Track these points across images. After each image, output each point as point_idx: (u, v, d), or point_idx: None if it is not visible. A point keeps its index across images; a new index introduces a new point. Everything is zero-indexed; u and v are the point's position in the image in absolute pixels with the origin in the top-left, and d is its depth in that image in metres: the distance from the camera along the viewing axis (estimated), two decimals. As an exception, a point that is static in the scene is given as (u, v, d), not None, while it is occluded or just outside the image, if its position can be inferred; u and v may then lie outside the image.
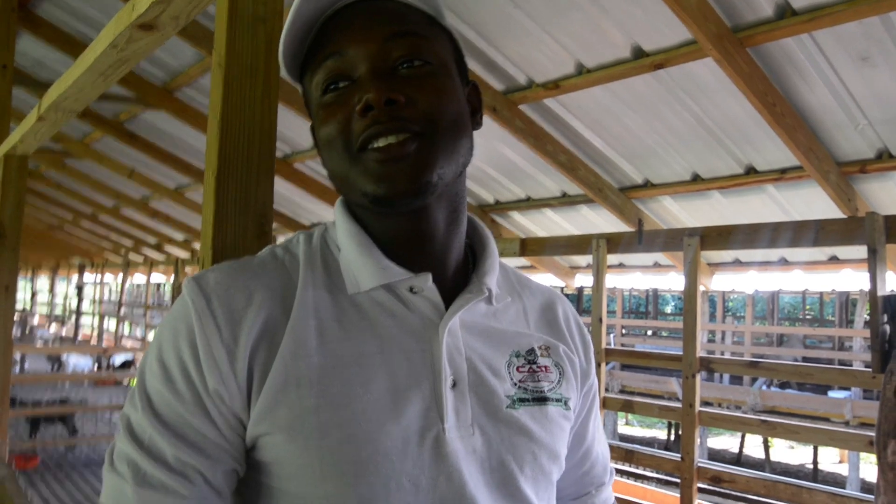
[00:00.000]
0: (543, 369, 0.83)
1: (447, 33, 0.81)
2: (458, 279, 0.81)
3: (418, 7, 0.78)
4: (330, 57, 0.74)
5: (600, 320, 4.98)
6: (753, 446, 13.52)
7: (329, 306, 0.75)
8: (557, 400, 0.82)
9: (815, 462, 12.65)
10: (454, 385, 0.75)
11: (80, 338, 16.12)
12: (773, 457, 12.85)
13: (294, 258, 0.78)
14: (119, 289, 15.47)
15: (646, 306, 24.29)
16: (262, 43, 0.96)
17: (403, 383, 0.73)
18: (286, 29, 0.75)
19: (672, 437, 13.83)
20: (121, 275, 14.18)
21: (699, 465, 4.36)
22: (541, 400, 0.81)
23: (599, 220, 5.35)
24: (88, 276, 17.49)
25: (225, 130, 0.92)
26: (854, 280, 5.46)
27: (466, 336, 0.78)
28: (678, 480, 4.57)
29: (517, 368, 0.81)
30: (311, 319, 0.73)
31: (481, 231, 0.87)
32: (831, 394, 10.22)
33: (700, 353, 4.47)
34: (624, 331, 17.42)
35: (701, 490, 4.49)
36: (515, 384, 0.80)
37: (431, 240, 0.78)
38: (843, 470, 11.70)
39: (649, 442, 14.07)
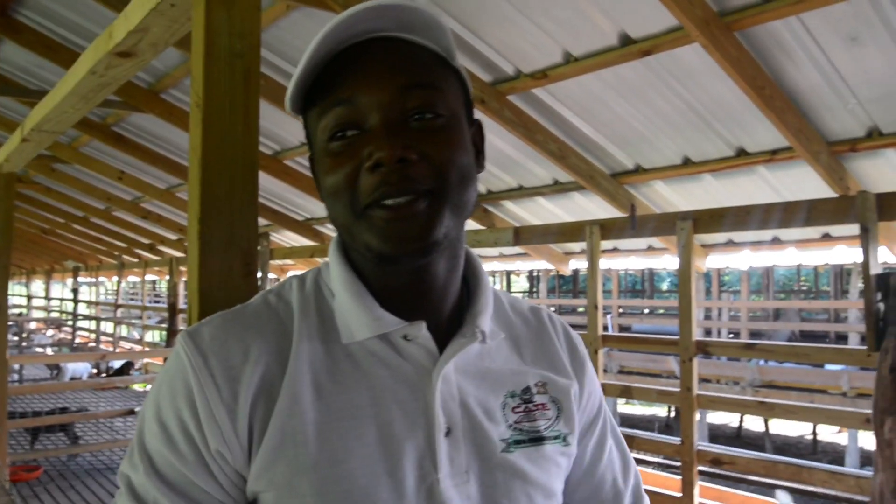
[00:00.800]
0: (540, 407, 0.82)
1: (457, 74, 0.78)
2: (453, 318, 0.80)
3: (431, 48, 0.76)
4: (340, 103, 0.72)
5: (595, 307, 5.00)
6: (753, 420, 13.60)
7: (323, 358, 0.74)
8: (555, 437, 0.82)
9: (814, 433, 12.75)
10: (448, 432, 0.74)
11: (77, 341, 16.08)
12: (773, 429, 12.93)
13: (288, 306, 0.77)
14: (115, 290, 15.44)
15: (642, 284, 24.38)
16: (239, 79, 0.94)
17: (398, 434, 0.72)
18: (299, 73, 0.72)
19: (672, 415, 13.91)
20: (115, 277, 14.13)
21: (699, 448, 4.39)
22: (537, 440, 0.80)
23: (592, 206, 5.34)
24: (83, 279, 17.44)
25: (206, 172, 0.90)
26: (847, 255, 5.46)
27: (461, 380, 0.78)
28: (678, 464, 4.60)
29: (513, 409, 0.80)
30: (307, 374, 0.72)
31: (474, 263, 0.86)
32: (828, 366, 10.27)
33: (696, 331, 4.48)
34: (621, 310, 17.47)
35: (702, 473, 4.52)
36: (511, 426, 0.79)
37: (430, 289, 0.77)
38: (842, 440, 11.79)
39: (650, 420, 14.15)
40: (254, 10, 0.97)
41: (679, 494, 4.39)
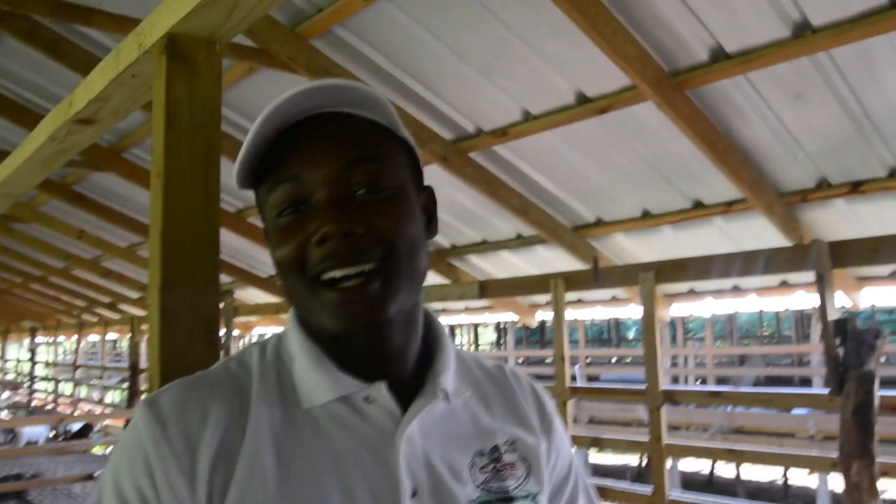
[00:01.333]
0: (509, 466, 0.82)
1: (404, 144, 0.81)
2: (414, 379, 0.80)
3: (375, 121, 0.78)
4: (287, 180, 0.74)
5: (563, 359, 5.00)
6: (724, 466, 13.59)
7: (283, 424, 0.74)
8: (524, 497, 0.81)
9: (785, 478, 12.76)
10: (414, 494, 0.74)
11: (34, 403, 15.56)
12: (745, 475, 12.92)
13: (248, 372, 0.78)
14: (74, 350, 15.04)
15: (608, 333, 24.51)
16: (201, 150, 0.96)
17: (361, 499, 0.72)
18: (245, 150, 0.74)
19: (644, 463, 13.84)
20: (75, 336, 13.79)
21: (671, 497, 4.38)
22: (506, 500, 0.80)
23: (556, 259, 5.39)
24: (41, 339, 16.98)
25: (167, 242, 0.91)
26: (806, 300, 5.57)
27: (426, 441, 0.77)
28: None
29: (480, 469, 0.80)
30: (267, 439, 0.72)
31: (434, 324, 0.86)
32: (795, 411, 10.36)
33: (664, 378, 4.51)
34: (589, 360, 17.49)
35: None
36: (479, 486, 0.79)
37: (387, 356, 0.78)
38: (813, 482, 11.81)
39: (621, 470, 14.04)
40: (215, 81, 0.99)
41: (651, 546, 4.35)
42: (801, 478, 12.79)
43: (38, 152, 1.54)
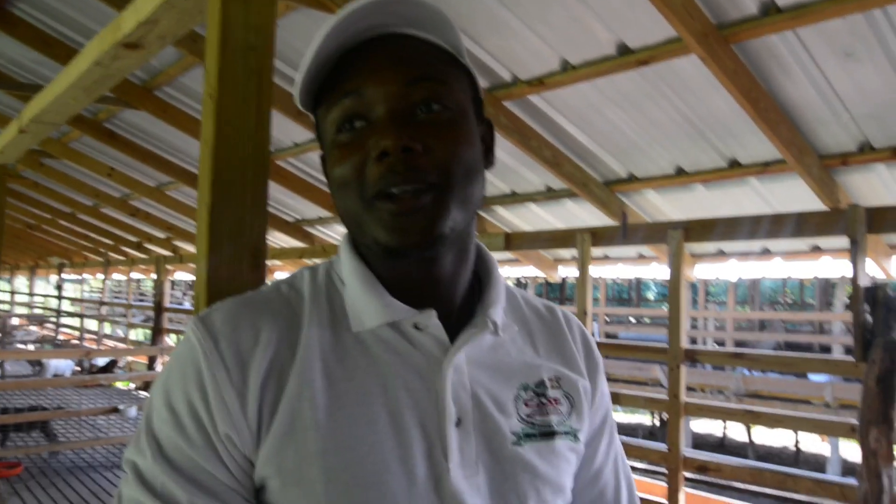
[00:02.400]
0: (553, 402, 0.82)
1: (466, 72, 0.79)
2: (463, 310, 0.81)
3: (439, 45, 0.77)
4: (347, 95, 0.73)
5: (585, 313, 5.01)
6: (736, 430, 13.68)
7: (333, 345, 0.74)
8: (566, 433, 0.82)
9: (797, 444, 12.83)
10: (459, 423, 0.75)
11: (60, 338, 15.93)
12: (756, 439, 13.01)
13: (299, 294, 0.78)
14: (100, 288, 15.31)
15: (629, 293, 24.48)
16: (253, 73, 0.94)
17: (408, 423, 0.72)
18: (306, 66, 0.73)
19: (657, 423, 13.96)
20: (101, 274, 14.02)
21: (685, 455, 4.41)
22: (548, 435, 0.80)
23: (584, 214, 5.36)
24: (68, 276, 17.30)
25: (218, 163, 0.90)
26: (833, 267, 5.51)
27: (473, 371, 0.78)
28: (664, 470, 4.62)
29: (525, 402, 0.80)
30: (317, 360, 0.73)
31: (486, 258, 0.86)
32: (812, 377, 10.34)
33: (684, 340, 4.51)
34: (607, 319, 17.52)
35: (687, 479, 4.54)
36: (522, 419, 0.79)
37: (438, 281, 0.78)
38: (824, 450, 11.87)
39: (634, 428, 14.19)
40: (269, 4, 0.97)
41: (665, 501, 4.40)
42: (812, 444, 12.86)
43: (82, 77, 1.53)
